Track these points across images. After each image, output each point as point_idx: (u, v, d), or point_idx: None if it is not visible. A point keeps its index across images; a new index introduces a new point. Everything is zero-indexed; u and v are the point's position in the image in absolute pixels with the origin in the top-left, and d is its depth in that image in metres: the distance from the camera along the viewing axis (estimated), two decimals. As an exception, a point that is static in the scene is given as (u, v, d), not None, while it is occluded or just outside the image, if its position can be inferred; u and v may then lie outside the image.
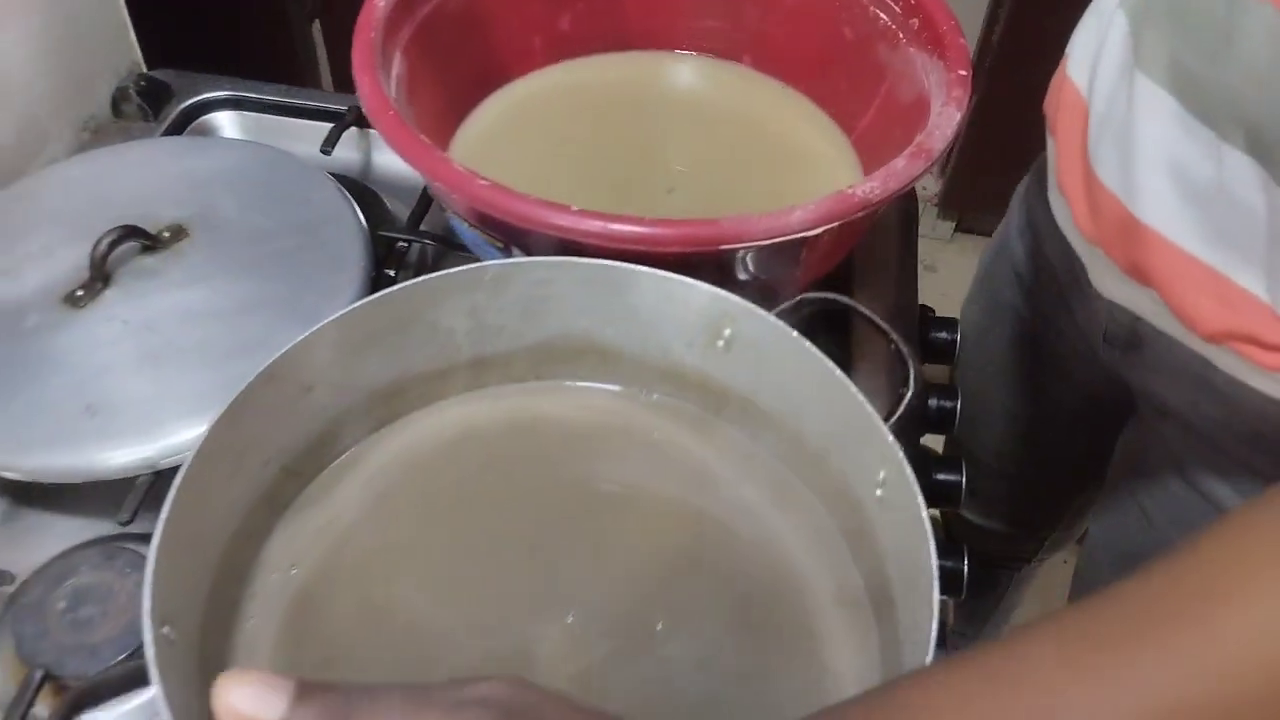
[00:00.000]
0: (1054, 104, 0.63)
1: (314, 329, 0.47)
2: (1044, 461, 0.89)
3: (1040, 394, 0.83)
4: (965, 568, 0.68)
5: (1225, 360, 0.57)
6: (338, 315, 0.48)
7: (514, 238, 0.54)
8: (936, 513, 0.79)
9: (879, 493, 0.46)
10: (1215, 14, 0.47)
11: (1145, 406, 0.69)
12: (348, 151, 0.81)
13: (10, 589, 0.56)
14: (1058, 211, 0.66)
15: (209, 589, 0.45)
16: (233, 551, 0.47)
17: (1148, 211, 0.55)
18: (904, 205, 0.79)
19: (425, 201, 0.74)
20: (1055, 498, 0.94)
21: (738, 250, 0.51)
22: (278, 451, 0.49)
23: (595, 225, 0.49)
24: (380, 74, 0.57)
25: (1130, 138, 0.54)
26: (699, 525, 0.52)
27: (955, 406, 0.77)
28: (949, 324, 0.80)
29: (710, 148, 0.68)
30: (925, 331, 0.80)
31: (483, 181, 0.51)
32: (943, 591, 0.69)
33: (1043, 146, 0.67)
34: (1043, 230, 0.73)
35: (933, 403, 0.77)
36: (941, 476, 0.71)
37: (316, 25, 1.04)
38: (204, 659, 0.44)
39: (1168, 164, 0.53)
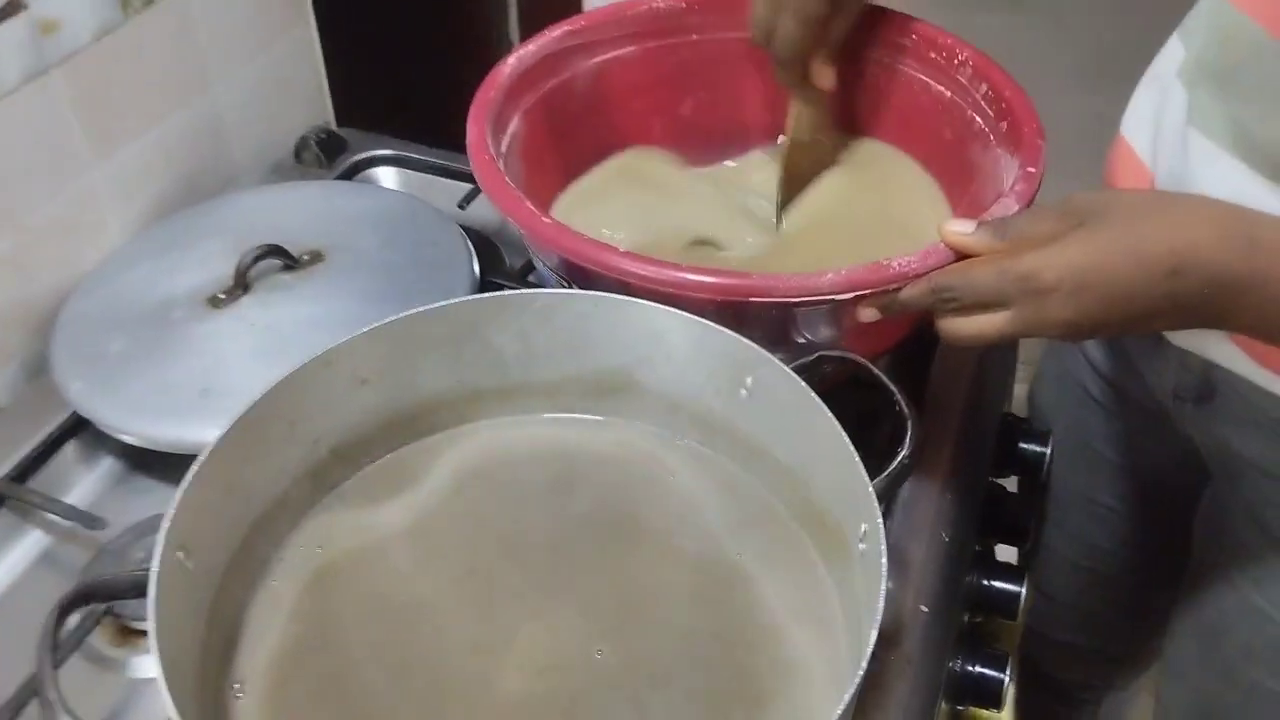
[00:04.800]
0: (1112, 173, 0.66)
1: (371, 326, 0.53)
2: (1125, 546, 0.85)
3: (1115, 471, 0.81)
4: (1006, 677, 0.65)
5: None
6: (394, 318, 0.53)
7: (577, 279, 0.58)
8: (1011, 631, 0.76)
9: (861, 546, 0.47)
10: (1265, 76, 0.50)
11: (1219, 466, 0.68)
12: (484, 211, 0.88)
13: (103, 535, 0.64)
14: None
15: (242, 540, 0.51)
16: (273, 515, 0.53)
17: None
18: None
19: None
20: (1139, 592, 0.88)
21: (770, 307, 0.53)
22: (328, 432, 0.54)
23: (636, 267, 0.53)
24: (489, 127, 0.64)
25: (1191, 190, 0.56)
26: (698, 571, 0.53)
27: (1031, 523, 0.75)
28: (1041, 437, 0.79)
29: (825, 211, 0.71)
30: (1013, 441, 0.78)
31: (546, 220, 0.56)
32: (979, 703, 0.67)
33: None
34: None
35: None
36: (1000, 584, 0.70)
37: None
38: (220, 600, 0.49)
39: None
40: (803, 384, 0.50)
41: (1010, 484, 0.80)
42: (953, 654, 0.63)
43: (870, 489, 0.45)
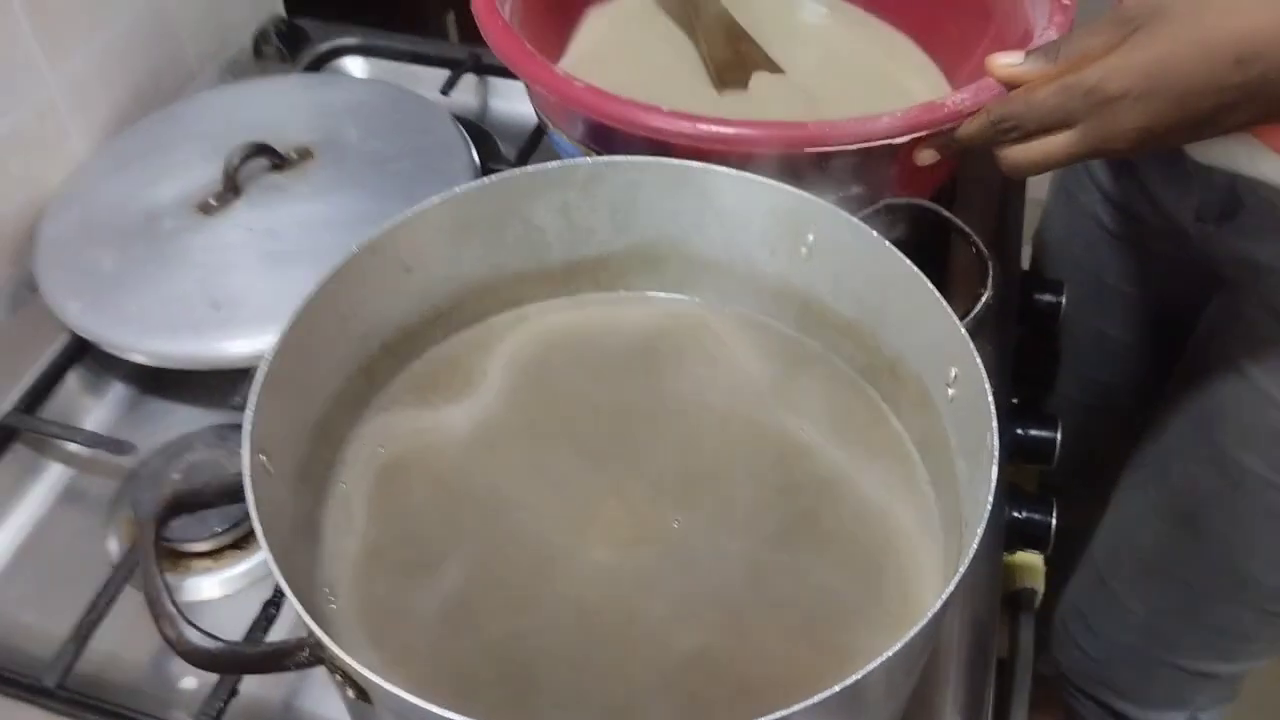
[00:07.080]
0: None
1: (415, 209, 0.50)
2: (1130, 379, 0.87)
3: (1128, 303, 0.82)
4: (1053, 520, 0.66)
5: None
6: (438, 198, 0.51)
7: (609, 145, 0.56)
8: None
9: (950, 392, 0.47)
10: None
11: (1237, 279, 0.68)
12: (466, 96, 0.85)
13: (132, 460, 0.61)
14: None
15: (308, 444, 0.48)
16: (332, 415, 0.50)
17: None
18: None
19: (535, 139, 0.77)
20: (1133, 426, 0.91)
21: (825, 155, 0.52)
22: (378, 326, 0.52)
23: (684, 125, 0.51)
24: (494, -5, 0.60)
25: None
26: (762, 440, 0.52)
27: (1056, 370, 0.76)
28: (1054, 286, 0.79)
29: (810, 83, 0.69)
30: (1029, 293, 0.78)
31: (579, 83, 0.54)
32: (1029, 545, 0.68)
33: None
34: None
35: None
36: (1034, 432, 0.71)
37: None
38: (298, 508, 0.47)
39: None
40: (874, 234, 0.49)
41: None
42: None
43: (962, 329, 0.45)
